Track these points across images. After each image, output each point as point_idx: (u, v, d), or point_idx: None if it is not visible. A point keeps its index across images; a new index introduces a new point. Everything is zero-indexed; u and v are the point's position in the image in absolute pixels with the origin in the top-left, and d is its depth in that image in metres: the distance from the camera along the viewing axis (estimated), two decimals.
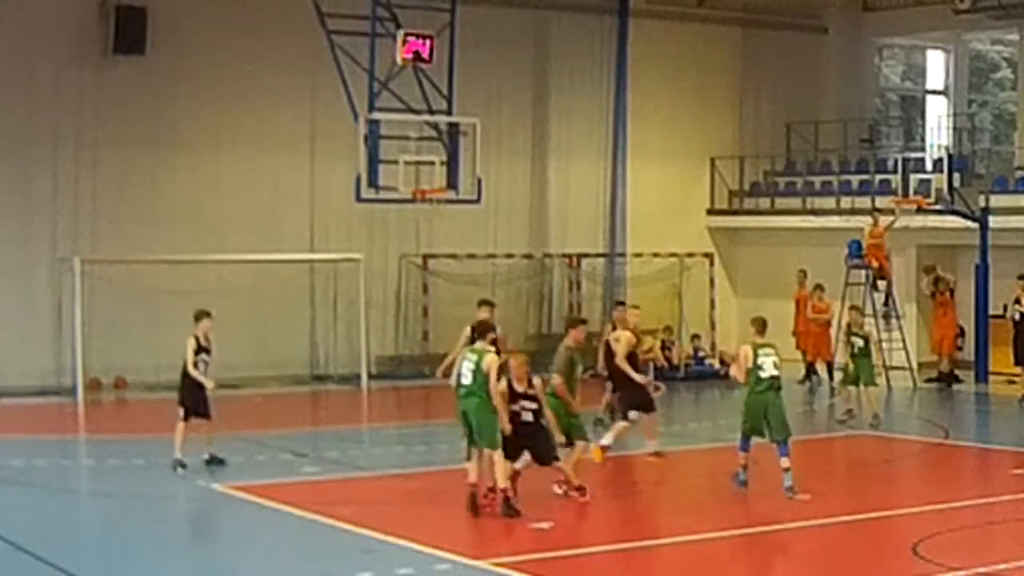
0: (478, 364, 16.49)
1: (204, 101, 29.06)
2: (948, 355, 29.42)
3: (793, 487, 17.48)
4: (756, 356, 17.79)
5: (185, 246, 28.38)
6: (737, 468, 18.04)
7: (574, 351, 17.97)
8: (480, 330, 17.00)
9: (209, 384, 19.71)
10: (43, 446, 21.58)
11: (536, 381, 16.97)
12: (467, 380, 16.53)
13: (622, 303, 24.03)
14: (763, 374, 17.76)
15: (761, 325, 18.32)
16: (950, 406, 27.51)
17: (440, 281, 31.13)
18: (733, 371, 18.29)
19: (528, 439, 16.74)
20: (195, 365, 19.71)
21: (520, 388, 16.74)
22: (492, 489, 16.72)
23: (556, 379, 17.63)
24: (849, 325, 24.89)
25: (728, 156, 34.92)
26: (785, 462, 17.67)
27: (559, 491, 17.50)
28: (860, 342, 24.36)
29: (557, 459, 17.15)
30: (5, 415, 25.16)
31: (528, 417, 16.73)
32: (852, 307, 25.93)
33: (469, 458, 16.63)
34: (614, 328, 22.31)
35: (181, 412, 19.66)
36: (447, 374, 17.54)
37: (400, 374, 30.16)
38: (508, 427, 16.51)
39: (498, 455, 16.46)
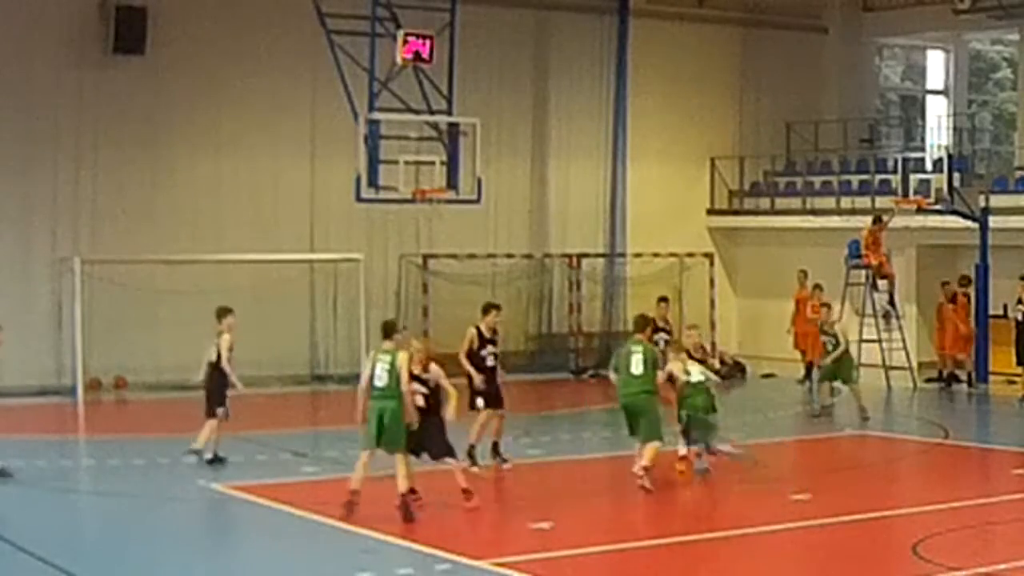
0: (392, 364, 16.33)
1: (204, 101, 29.07)
2: (967, 355, 29.34)
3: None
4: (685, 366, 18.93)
5: (185, 246, 28.40)
6: (692, 460, 18.84)
7: None
8: (387, 330, 16.83)
9: (240, 387, 19.82)
10: (43, 446, 21.58)
11: (435, 368, 16.86)
12: (382, 382, 16.33)
13: (664, 299, 24.94)
14: (692, 379, 18.81)
15: (682, 349, 19.61)
16: (950, 406, 27.50)
17: (440, 281, 31.13)
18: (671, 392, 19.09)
19: (421, 431, 16.62)
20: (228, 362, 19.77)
21: (415, 370, 16.65)
22: (413, 491, 16.68)
23: (661, 376, 18.40)
24: (821, 324, 24.97)
25: (728, 156, 34.93)
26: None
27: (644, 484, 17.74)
28: (832, 340, 24.48)
29: (452, 456, 16.93)
30: (5, 415, 25.16)
31: (419, 401, 16.63)
32: (823, 304, 26.00)
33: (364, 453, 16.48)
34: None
35: (220, 411, 19.66)
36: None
37: None
38: (415, 421, 16.45)
39: (404, 458, 16.40)
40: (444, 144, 25.53)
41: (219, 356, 19.74)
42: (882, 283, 29.66)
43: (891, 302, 29.90)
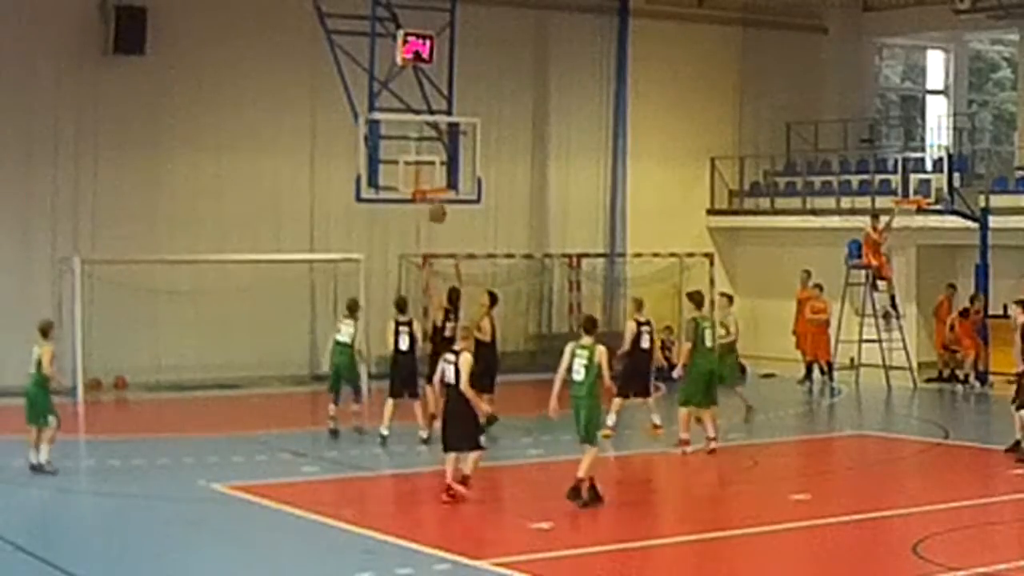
0: (590, 359, 16.99)
1: (204, 101, 29.07)
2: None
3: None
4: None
5: (185, 246, 28.39)
6: None
7: None
8: (587, 325, 17.51)
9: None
10: None
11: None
12: (580, 376, 16.99)
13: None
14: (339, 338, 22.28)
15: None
16: (950, 406, 27.50)
17: (440, 281, 31.07)
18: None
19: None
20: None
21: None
22: (460, 481, 17.18)
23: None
24: (724, 317, 24.63)
25: (728, 156, 34.93)
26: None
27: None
28: (722, 331, 24.03)
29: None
30: (5, 415, 25.12)
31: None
32: (722, 294, 25.73)
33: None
34: None
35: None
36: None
37: None
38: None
39: (597, 450, 17.21)
40: (444, 144, 25.51)
41: (413, 341, 21.41)
42: (882, 284, 29.66)
43: (893, 304, 29.91)
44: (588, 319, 17.73)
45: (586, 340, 17.20)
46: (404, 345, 21.46)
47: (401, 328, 21.61)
